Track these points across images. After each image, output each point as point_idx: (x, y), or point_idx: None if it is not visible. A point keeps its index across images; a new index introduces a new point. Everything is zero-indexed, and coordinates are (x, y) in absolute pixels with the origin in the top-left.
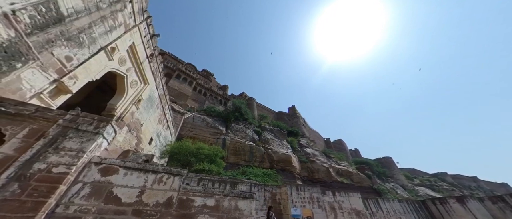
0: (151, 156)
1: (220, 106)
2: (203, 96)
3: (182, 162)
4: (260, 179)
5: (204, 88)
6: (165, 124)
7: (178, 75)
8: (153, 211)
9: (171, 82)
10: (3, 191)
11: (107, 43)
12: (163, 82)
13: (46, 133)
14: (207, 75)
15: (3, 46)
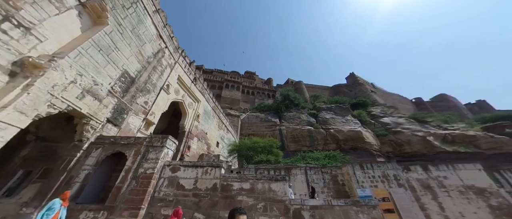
0: (217, 155)
1: (268, 100)
2: (252, 95)
3: (244, 156)
4: (321, 162)
5: (250, 88)
6: (224, 129)
7: (227, 85)
8: (205, 194)
9: (223, 92)
10: (130, 185)
11: (163, 84)
12: (211, 96)
13: (140, 151)
14: (250, 75)
15: (115, 108)
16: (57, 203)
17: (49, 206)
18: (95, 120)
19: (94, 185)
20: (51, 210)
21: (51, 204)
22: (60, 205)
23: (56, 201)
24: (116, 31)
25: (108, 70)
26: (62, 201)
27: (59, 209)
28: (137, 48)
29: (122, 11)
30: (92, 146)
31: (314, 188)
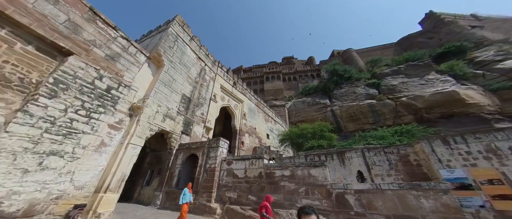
0: (268, 147)
1: (313, 81)
2: (294, 81)
3: (295, 144)
4: (388, 141)
5: (290, 74)
6: (271, 121)
7: (267, 77)
8: (254, 180)
9: (265, 85)
10: (203, 176)
11: (210, 96)
12: (252, 94)
13: (204, 151)
14: (288, 61)
15: (184, 122)
16: (186, 190)
17: (183, 192)
18: (175, 133)
19: (184, 176)
20: (184, 195)
21: (184, 191)
22: (188, 191)
23: (186, 190)
24: (170, 67)
25: (173, 97)
26: (188, 189)
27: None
28: (186, 74)
29: (170, 50)
30: (178, 151)
31: (362, 173)
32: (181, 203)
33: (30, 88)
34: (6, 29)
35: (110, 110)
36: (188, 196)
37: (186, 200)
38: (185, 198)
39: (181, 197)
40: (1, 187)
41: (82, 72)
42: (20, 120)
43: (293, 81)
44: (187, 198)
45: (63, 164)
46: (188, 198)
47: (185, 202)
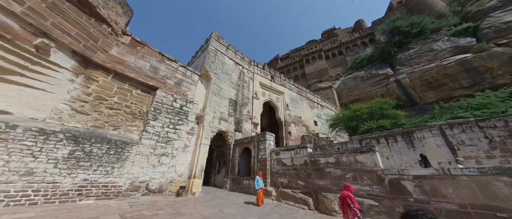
0: (316, 134)
1: (365, 50)
2: (340, 56)
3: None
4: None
5: (333, 49)
6: (317, 106)
7: (307, 60)
8: (300, 168)
9: (306, 69)
10: (257, 166)
11: (252, 94)
12: (292, 84)
13: (255, 144)
14: (329, 34)
15: (235, 122)
16: (258, 178)
17: (256, 180)
18: (229, 132)
19: (243, 166)
20: (258, 181)
21: (257, 178)
22: (259, 178)
23: (258, 177)
24: (216, 79)
25: (223, 103)
26: (260, 177)
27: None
28: (229, 80)
29: (213, 65)
30: (234, 146)
31: (426, 157)
32: (256, 188)
33: (144, 116)
34: (127, 83)
35: (185, 121)
36: (261, 183)
37: (260, 186)
38: (259, 184)
39: (255, 183)
40: (146, 176)
41: (165, 99)
42: (145, 136)
43: (338, 56)
44: (261, 184)
45: (169, 160)
46: (261, 184)
47: (259, 187)
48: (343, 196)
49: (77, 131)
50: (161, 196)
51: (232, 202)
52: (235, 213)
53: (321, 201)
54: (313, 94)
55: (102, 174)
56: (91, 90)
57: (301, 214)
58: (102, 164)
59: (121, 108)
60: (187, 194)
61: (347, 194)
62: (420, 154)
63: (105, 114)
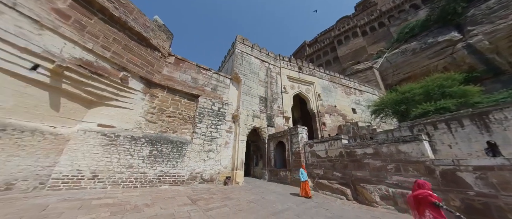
0: (355, 123)
1: (417, 15)
2: (381, 28)
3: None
4: None
5: (372, 22)
6: (355, 92)
7: (339, 41)
8: (336, 159)
9: (339, 52)
10: (291, 158)
11: (280, 89)
12: (322, 72)
13: (288, 138)
14: (364, 5)
15: (267, 117)
16: (302, 170)
17: (301, 172)
18: (263, 128)
19: (279, 159)
20: (302, 173)
21: (301, 171)
22: (303, 171)
23: (302, 170)
24: (245, 79)
25: (254, 101)
26: (303, 169)
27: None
28: (257, 79)
29: (241, 67)
30: (269, 140)
31: (495, 144)
32: (302, 180)
33: (192, 120)
34: (177, 95)
35: (223, 121)
36: (305, 175)
37: (305, 178)
38: (304, 177)
39: (300, 175)
40: (200, 168)
41: (206, 104)
42: (195, 136)
43: (379, 29)
44: (305, 176)
45: (215, 155)
46: (305, 176)
47: (304, 180)
48: (422, 195)
49: (152, 135)
50: (212, 184)
51: (271, 191)
52: (274, 200)
53: (360, 192)
54: (348, 79)
55: (171, 166)
56: (155, 104)
57: (339, 203)
58: (169, 159)
59: (176, 115)
60: (232, 183)
61: (428, 193)
62: (487, 141)
63: (166, 121)
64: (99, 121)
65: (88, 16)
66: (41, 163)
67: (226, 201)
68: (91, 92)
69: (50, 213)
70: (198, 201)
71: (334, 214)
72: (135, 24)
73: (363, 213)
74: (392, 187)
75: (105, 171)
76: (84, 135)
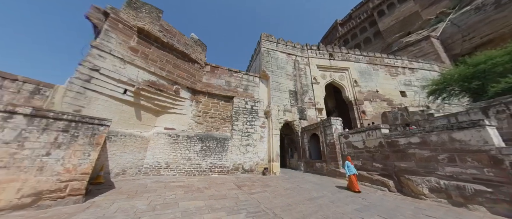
0: (404, 108)
1: None
2: None
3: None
4: None
5: None
6: (403, 71)
7: (379, 12)
8: (374, 150)
9: (380, 25)
10: (326, 150)
11: (310, 80)
12: (359, 54)
13: (321, 130)
14: None
15: (298, 111)
16: (348, 163)
17: (346, 165)
18: (295, 121)
19: (314, 151)
20: (348, 167)
21: (347, 163)
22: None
23: (348, 162)
24: (273, 75)
25: (283, 96)
26: (350, 162)
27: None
28: (285, 74)
29: (268, 64)
30: (302, 133)
31: None
32: (348, 174)
33: (230, 119)
34: (215, 98)
35: (256, 118)
36: (353, 168)
37: (353, 171)
38: (351, 170)
39: (346, 168)
40: (241, 160)
41: (240, 103)
42: (233, 133)
43: None
44: (352, 169)
45: (252, 149)
46: (353, 169)
47: (351, 173)
48: None
49: (201, 134)
50: (252, 174)
51: (307, 181)
52: (310, 188)
53: (405, 183)
54: (394, 57)
55: (217, 159)
56: (200, 108)
57: (379, 195)
58: (216, 153)
59: (216, 116)
60: (270, 173)
61: None
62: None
63: (209, 122)
64: (164, 125)
65: (148, 46)
66: (137, 157)
67: (266, 188)
68: (157, 104)
69: (150, 189)
70: (242, 187)
71: (371, 202)
72: (179, 45)
73: (405, 204)
74: (445, 179)
75: (173, 162)
76: (157, 136)
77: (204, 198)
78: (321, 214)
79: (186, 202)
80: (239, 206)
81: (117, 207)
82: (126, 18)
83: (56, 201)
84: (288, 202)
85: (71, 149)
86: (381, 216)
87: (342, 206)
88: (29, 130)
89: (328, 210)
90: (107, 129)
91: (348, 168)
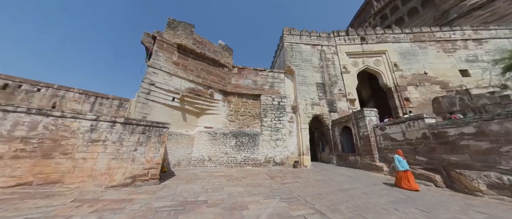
0: (464, 91)
1: None
2: None
3: None
4: None
5: None
6: (463, 44)
7: None
8: (416, 142)
9: None
10: (360, 143)
11: (340, 70)
12: (400, 32)
13: (353, 122)
14: None
15: (327, 103)
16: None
17: (397, 159)
18: (324, 114)
19: (346, 144)
20: (400, 161)
21: (397, 157)
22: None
23: (398, 156)
24: (298, 69)
25: (310, 89)
26: (399, 155)
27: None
28: (310, 66)
29: (292, 58)
30: (332, 126)
31: None
32: (400, 170)
33: (259, 116)
34: (244, 98)
35: (284, 113)
36: (405, 163)
37: (405, 167)
38: (403, 165)
39: (396, 163)
40: (272, 153)
41: (267, 100)
42: (263, 128)
43: None
44: (404, 164)
45: (282, 143)
46: (405, 164)
47: (403, 169)
48: None
49: (234, 131)
50: (283, 166)
51: (340, 174)
52: (342, 180)
53: (456, 178)
54: (451, 28)
55: (250, 153)
56: (231, 107)
57: (423, 189)
58: (248, 147)
59: (246, 114)
60: (300, 166)
61: None
62: None
63: (240, 119)
64: (204, 124)
65: (186, 58)
66: (187, 151)
67: (297, 179)
68: (197, 107)
69: (200, 177)
70: (275, 178)
71: (409, 196)
72: (209, 53)
73: (453, 199)
74: (510, 174)
75: (214, 156)
76: (199, 134)
77: (243, 185)
78: (351, 203)
79: (229, 188)
80: (273, 193)
81: (182, 189)
82: (168, 38)
83: (143, 182)
84: (319, 191)
85: (148, 146)
86: (419, 209)
87: (375, 197)
88: (124, 133)
89: (359, 200)
90: (167, 130)
91: (399, 163)
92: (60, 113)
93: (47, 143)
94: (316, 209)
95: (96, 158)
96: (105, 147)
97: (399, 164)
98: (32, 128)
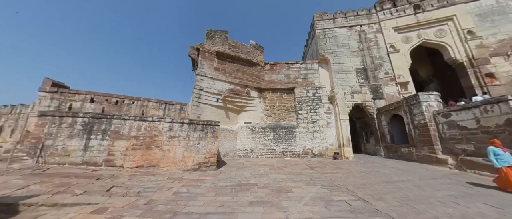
0: None
1: None
2: None
3: None
4: None
5: None
6: None
7: None
8: (497, 130)
9: None
10: (415, 132)
11: (385, 50)
12: None
13: (405, 110)
14: None
15: (371, 90)
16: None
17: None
18: (367, 102)
19: (397, 134)
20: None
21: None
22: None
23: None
24: (333, 57)
25: (349, 77)
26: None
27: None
28: (348, 51)
29: (325, 46)
30: (378, 115)
31: None
32: (503, 166)
33: (294, 109)
34: (278, 92)
35: (320, 104)
36: (508, 156)
37: (510, 162)
38: (505, 158)
39: (491, 157)
40: (309, 145)
41: (301, 93)
42: (299, 121)
43: None
44: (508, 157)
45: (319, 135)
46: (509, 157)
47: (507, 165)
48: None
49: (271, 125)
50: (322, 158)
51: (388, 166)
52: (390, 173)
53: None
54: None
55: (288, 145)
56: (267, 103)
57: None
58: (286, 140)
59: (281, 108)
60: (341, 158)
61: None
62: None
63: (276, 113)
64: (244, 120)
65: (223, 63)
66: (232, 144)
67: (338, 170)
68: (237, 105)
69: (246, 165)
70: (314, 168)
71: (478, 191)
72: (243, 54)
73: None
74: None
75: (255, 148)
76: (241, 129)
77: (285, 173)
78: (399, 194)
79: (273, 175)
80: (313, 181)
81: (234, 174)
82: (208, 47)
83: (206, 168)
84: (362, 182)
85: (206, 140)
86: (489, 204)
87: (431, 190)
88: (189, 131)
89: (409, 192)
90: (218, 127)
91: (497, 157)
92: (151, 118)
93: (147, 139)
94: (358, 196)
95: (175, 149)
96: (179, 141)
97: (496, 158)
98: (138, 129)
